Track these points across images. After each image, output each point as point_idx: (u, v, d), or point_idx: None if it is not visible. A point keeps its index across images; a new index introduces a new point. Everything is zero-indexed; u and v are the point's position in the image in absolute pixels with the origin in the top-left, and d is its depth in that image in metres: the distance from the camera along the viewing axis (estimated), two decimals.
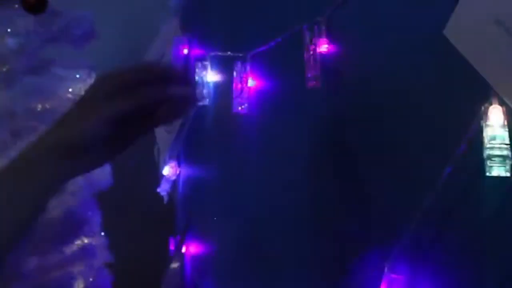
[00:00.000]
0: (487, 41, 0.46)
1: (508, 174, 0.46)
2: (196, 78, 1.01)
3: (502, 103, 0.47)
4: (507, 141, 0.47)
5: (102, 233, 1.26)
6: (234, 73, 0.86)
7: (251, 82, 0.81)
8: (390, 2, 0.60)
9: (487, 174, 0.47)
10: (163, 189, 1.12)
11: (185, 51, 1.13)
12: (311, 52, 0.67)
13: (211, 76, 1.02)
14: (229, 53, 0.91)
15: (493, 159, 0.47)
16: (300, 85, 0.70)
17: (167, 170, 1.12)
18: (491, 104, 0.48)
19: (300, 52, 0.68)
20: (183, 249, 1.12)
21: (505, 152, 0.47)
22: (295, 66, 0.69)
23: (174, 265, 1.12)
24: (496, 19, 0.45)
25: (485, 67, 0.47)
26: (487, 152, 0.47)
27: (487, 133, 0.48)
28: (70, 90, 1.21)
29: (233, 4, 0.84)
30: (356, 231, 0.65)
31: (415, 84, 0.57)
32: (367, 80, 0.63)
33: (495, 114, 0.48)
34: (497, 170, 0.47)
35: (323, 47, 0.67)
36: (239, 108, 0.87)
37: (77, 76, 1.23)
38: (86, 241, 1.18)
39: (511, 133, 0.47)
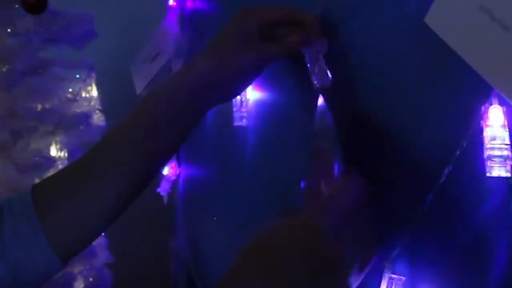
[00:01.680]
0: (472, 28, 0.46)
1: (508, 175, 0.46)
2: None
3: (502, 103, 0.47)
4: (507, 141, 0.47)
5: (102, 233, 1.26)
6: None
7: (250, 93, 0.79)
8: (390, 2, 0.60)
9: (487, 174, 0.47)
10: (163, 189, 1.12)
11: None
12: None
13: None
14: None
15: (493, 159, 0.47)
16: (299, 92, 0.70)
17: (167, 170, 1.12)
18: (491, 104, 0.48)
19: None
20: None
21: (505, 153, 0.47)
22: (294, 74, 0.69)
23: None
24: (481, 5, 0.44)
25: (471, 54, 0.46)
26: (487, 153, 0.47)
27: (487, 133, 0.48)
28: (70, 90, 1.22)
29: (231, 6, 0.83)
30: None
31: (414, 83, 0.57)
32: (365, 80, 0.63)
33: (495, 114, 0.48)
34: (497, 171, 0.47)
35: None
36: (240, 121, 0.86)
37: (77, 76, 1.23)
38: None
39: (511, 133, 0.47)
